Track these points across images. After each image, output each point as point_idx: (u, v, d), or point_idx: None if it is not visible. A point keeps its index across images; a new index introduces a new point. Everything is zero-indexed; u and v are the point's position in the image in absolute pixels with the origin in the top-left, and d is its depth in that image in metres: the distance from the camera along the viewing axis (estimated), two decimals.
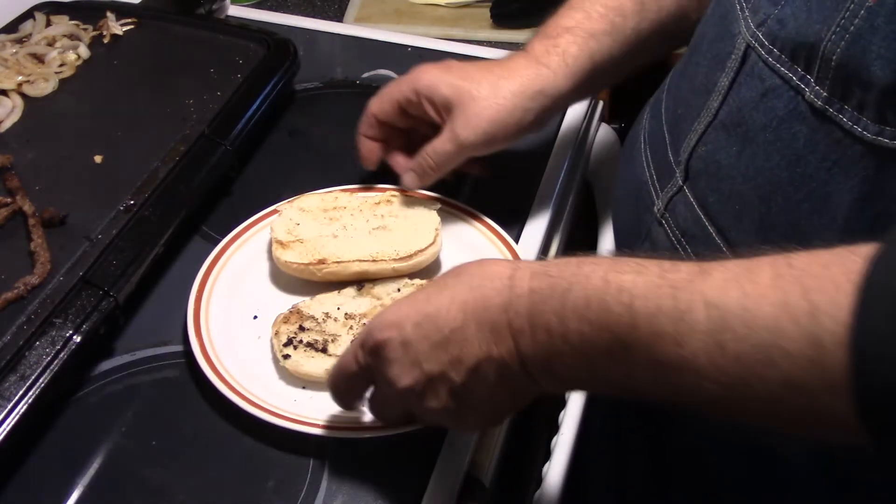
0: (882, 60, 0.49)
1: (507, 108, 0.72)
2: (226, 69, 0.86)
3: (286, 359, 0.64)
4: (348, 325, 0.67)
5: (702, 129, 0.64)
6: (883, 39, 0.49)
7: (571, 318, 0.47)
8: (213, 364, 0.64)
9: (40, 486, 0.59)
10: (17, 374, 0.59)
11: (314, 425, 0.61)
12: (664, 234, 0.69)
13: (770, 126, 0.58)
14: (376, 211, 0.76)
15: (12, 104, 0.82)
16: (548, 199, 0.82)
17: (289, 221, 0.74)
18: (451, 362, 0.51)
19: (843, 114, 0.52)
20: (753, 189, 0.59)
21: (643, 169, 0.74)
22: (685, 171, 0.66)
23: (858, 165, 0.52)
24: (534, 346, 0.49)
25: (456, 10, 1.16)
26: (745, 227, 0.61)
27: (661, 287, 0.45)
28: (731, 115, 0.62)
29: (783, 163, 0.57)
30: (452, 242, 0.76)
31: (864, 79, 0.50)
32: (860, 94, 0.51)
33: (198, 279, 0.71)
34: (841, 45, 0.51)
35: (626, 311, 0.45)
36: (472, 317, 0.51)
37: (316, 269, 0.71)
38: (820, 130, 0.54)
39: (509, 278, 0.50)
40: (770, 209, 0.59)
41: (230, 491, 0.60)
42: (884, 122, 0.50)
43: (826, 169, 0.54)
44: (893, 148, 0.50)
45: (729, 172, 0.61)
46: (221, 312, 0.69)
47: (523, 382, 0.51)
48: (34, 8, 0.93)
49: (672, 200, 0.68)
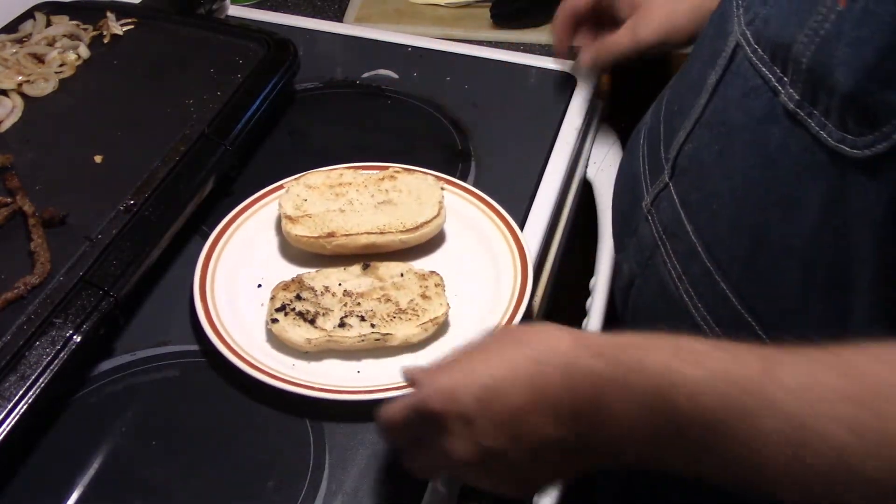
0: (845, 67, 0.48)
1: (685, 16, 0.82)
2: (226, 69, 0.86)
3: (274, 322, 0.66)
4: (343, 302, 0.69)
5: (690, 127, 0.64)
6: (847, 45, 0.48)
7: (635, 407, 0.47)
8: (216, 329, 0.67)
9: (40, 486, 0.59)
10: (17, 374, 0.59)
11: (308, 387, 0.62)
12: (649, 230, 0.69)
13: (749, 126, 0.58)
14: (380, 186, 0.78)
15: (12, 104, 0.82)
16: (548, 199, 0.82)
17: (296, 197, 0.76)
18: (511, 441, 0.50)
19: (812, 118, 0.52)
20: (729, 190, 0.59)
21: (639, 162, 0.75)
22: (672, 167, 0.67)
23: (824, 172, 0.52)
24: (597, 429, 0.48)
25: (456, 10, 1.15)
26: (718, 228, 0.61)
27: (729, 385, 0.45)
28: (715, 114, 0.62)
29: (757, 164, 0.57)
30: (454, 219, 0.77)
31: (829, 84, 0.50)
32: (826, 100, 0.51)
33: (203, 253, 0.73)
34: (811, 49, 0.51)
35: (691, 406, 0.45)
36: (534, 396, 0.49)
37: (326, 243, 0.73)
38: (792, 134, 0.54)
39: (573, 356, 0.49)
40: (742, 211, 0.59)
41: (230, 491, 0.60)
42: (845, 130, 0.50)
43: (796, 174, 0.54)
44: (852, 157, 0.50)
45: (710, 171, 0.62)
46: (227, 281, 0.72)
47: (584, 460, 0.51)
48: (34, 8, 0.93)
49: (658, 196, 0.68)
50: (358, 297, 0.69)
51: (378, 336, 0.66)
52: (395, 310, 0.68)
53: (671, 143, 0.67)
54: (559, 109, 0.92)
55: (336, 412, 0.63)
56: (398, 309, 0.68)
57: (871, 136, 0.48)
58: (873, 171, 0.49)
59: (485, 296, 0.71)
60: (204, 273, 0.71)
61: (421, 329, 0.66)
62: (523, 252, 0.73)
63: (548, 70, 0.98)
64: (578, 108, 0.92)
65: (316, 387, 0.63)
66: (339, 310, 0.68)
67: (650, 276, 0.69)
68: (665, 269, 0.66)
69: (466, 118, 0.91)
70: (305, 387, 0.63)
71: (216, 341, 0.65)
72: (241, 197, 0.78)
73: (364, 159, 0.82)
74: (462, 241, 0.77)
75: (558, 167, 0.85)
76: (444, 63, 0.99)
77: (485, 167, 0.85)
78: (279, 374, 0.63)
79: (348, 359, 0.67)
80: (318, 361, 0.67)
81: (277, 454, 0.61)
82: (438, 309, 0.68)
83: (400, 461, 0.55)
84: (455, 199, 0.79)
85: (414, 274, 0.71)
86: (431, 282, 0.70)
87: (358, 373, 0.66)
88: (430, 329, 0.67)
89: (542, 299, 0.78)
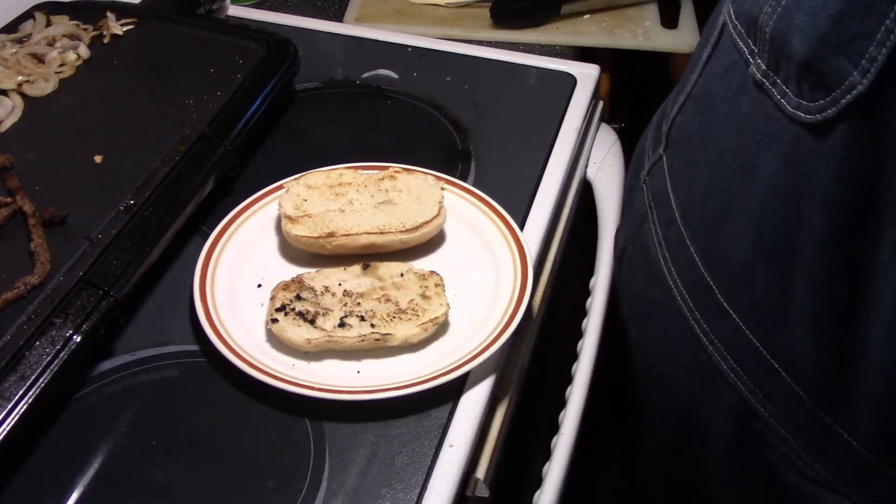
0: (801, 35, 0.50)
1: None
2: (226, 69, 0.86)
3: (273, 322, 0.66)
4: (343, 302, 0.69)
5: (682, 101, 0.67)
6: (804, 15, 0.50)
7: None
8: (216, 329, 0.67)
9: (40, 486, 0.59)
10: (17, 374, 0.59)
11: (308, 387, 0.62)
12: (642, 199, 0.71)
13: (727, 99, 0.60)
14: (380, 186, 0.78)
15: (12, 104, 0.82)
16: (548, 199, 0.82)
17: (296, 197, 0.76)
18: None
19: (776, 88, 0.54)
20: (705, 158, 0.62)
21: (647, 135, 0.77)
22: (667, 139, 0.68)
23: (781, 139, 0.54)
24: None
25: (456, 10, 1.16)
26: (693, 195, 0.63)
27: None
28: (701, 88, 0.65)
29: (728, 133, 0.59)
30: (454, 219, 0.78)
31: (788, 52, 0.52)
32: (786, 68, 0.53)
33: (203, 252, 0.73)
34: (773, 18, 0.53)
35: None
36: None
37: (326, 243, 0.73)
38: (757, 103, 0.56)
39: None
40: (714, 178, 0.61)
41: (230, 491, 0.60)
42: (801, 97, 0.52)
43: (756, 142, 0.56)
44: (806, 122, 0.51)
45: (692, 142, 0.64)
46: (227, 281, 0.72)
47: None
48: (34, 8, 0.93)
49: (653, 167, 0.71)
50: (358, 297, 0.69)
51: (378, 336, 0.66)
52: (395, 310, 0.68)
53: (669, 117, 0.70)
54: (559, 109, 0.92)
55: (336, 412, 0.63)
56: (398, 309, 0.68)
57: (822, 101, 0.50)
58: (824, 136, 0.51)
59: (485, 296, 0.71)
60: (204, 273, 0.71)
61: (421, 329, 0.66)
62: (523, 252, 0.73)
63: (548, 70, 0.98)
64: (578, 108, 0.92)
65: (316, 387, 0.63)
66: (338, 310, 0.68)
67: (638, 244, 0.71)
68: (650, 236, 0.69)
69: (466, 118, 0.91)
70: (305, 387, 0.63)
71: (216, 341, 0.65)
72: (241, 197, 0.78)
73: (364, 159, 0.82)
74: (462, 241, 0.77)
75: (558, 167, 0.85)
76: (444, 63, 0.99)
77: (485, 167, 0.85)
78: (279, 374, 0.63)
79: (348, 359, 0.67)
80: (317, 361, 0.67)
81: (277, 454, 0.61)
82: (438, 309, 0.68)
83: (400, 461, 0.56)
84: (455, 199, 0.79)
85: (414, 274, 0.71)
86: (431, 282, 0.70)
87: (358, 373, 0.66)
88: (430, 329, 0.67)
89: (542, 299, 0.78)
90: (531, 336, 0.76)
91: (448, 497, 0.60)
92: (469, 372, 0.65)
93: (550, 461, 0.71)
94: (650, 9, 1.18)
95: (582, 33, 1.12)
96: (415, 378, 0.64)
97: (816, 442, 0.61)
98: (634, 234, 0.73)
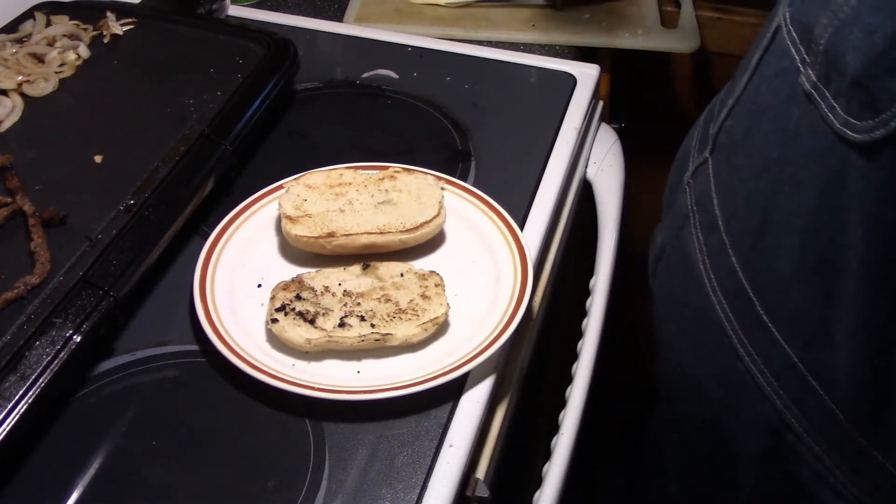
0: (856, 51, 0.49)
1: None
2: (226, 69, 0.86)
3: (273, 322, 0.66)
4: (343, 302, 0.69)
5: (731, 104, 0.65)
6: (861, 31, 0.49)
7: None
8: (216, 328, 0.67)
9: (40, 486, 0.59)
10: (17, 374, 0.59)
11: (308, 387, 0.62)
12: (685, 201, 0.70)
13: (774, 106, 0.59)
14: (380, 186, 0.78)
15: (12, 104, 0.82)
16: (548, 199, 0.82)
17: (296, 197, 0.76)
18: None
19: (824, 101, 0.53)
20: (750, 166, 0.60)
21: (692, 135, 0.76)
22: (714, 142, 0.67)
23: (829, 155, 0.53)
24: None
25: (456, 10, 1.15)
26: (736, 203, 0.62)
27: None
28: (751, 93, 0.63)
29: (776, 143, 0.58)
30: (454, 219, 0.78)
31: (841, 67, 0.51)
32: (837, 83, 0.52)
33: (203, 252, 0.73)
34: (829, 31, 0.52)
35: None
36: None
37: (326, 243, 0.73)
38: (806, 115, 0.55)
39: None
40: (758, 187, 0.60)
41: (230, 491, 0.60)
42: (850, 114, 0.51)
43: (804, 154, 0.55)
44: (854, 141, 0.50)
45: (737, 148, 0.63)
46: (227, 281, 0.72)
47: None
48: (34, 8, 0.93)
49: (698, 169, 0.70)
50: (358, 297, 0.69)
51: (378, 336, 0.66)
52: (395, 310, 0.68)
53: (717, 120, 0.68)
54: (559, 109, 0.92)
55: (336, 412, 0.63)
56: (398, 309, 0.68)
57: (871, 122, 0.49)
58: (870, 157, 0.50)
59: (485, 296, 0.71)
60: (204, 273, 0.71)
61: (421, 329, 0.66)
62: (523, 252, 0.73)
63: (548, 70, 0.98)
64: (578, 108, 0.92)
65: (316, 387, 0.63)
66: (338, 310, 0.68)
67: (678, 246, 0.70)
68: (690, 240, 0.67)
69: (466, 118, 0.91)
70: (305, 387, 0.63)
71: (216, 341, 0.65)
72: (241, 197, 0.78)
73: (364, 159, 0.82)
74: (462, 241, 0.77)
75: (558, 167, 0.85)
76: (444, 63, 0.99)
77: (485, 167, 0.85)
78: (279, 374, 0.63)
79: (348, 359, 0.67)
80: (317, 361, 0.67)
81: (277, 454, 0.61)
82: (438, 309, 0.68)
83: (400, 461, 0.55)
84: (455, 199, 0.79)
85: (414, 274, 0.71)
86: (431, 282, 0.70)
87: (358, 373, 0.66)
88: (430, 329, 0.67)
89: (542, 299, 0.78)
90: (531, 336, 0.76)
91: (448, 497, 0.60)
92: (469, 372, 0.65)
93: (550, 461, 0.72)
94: (650, 9, 1.18)
95: (582, 33, 1.12)
96: (415, 378, 0.64)
97: (850, 461, 0.60)
98: (675, 236, 0.71)
